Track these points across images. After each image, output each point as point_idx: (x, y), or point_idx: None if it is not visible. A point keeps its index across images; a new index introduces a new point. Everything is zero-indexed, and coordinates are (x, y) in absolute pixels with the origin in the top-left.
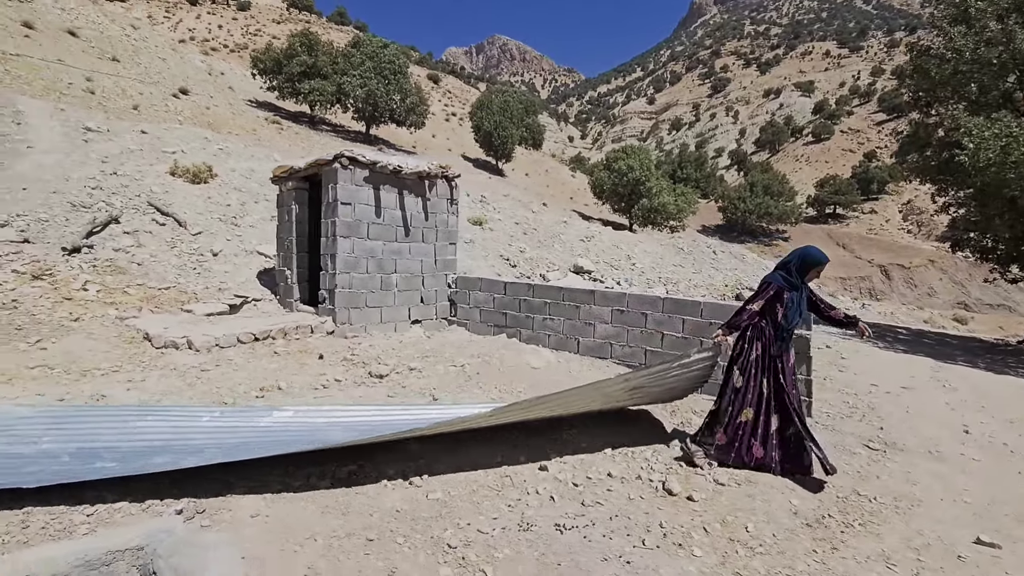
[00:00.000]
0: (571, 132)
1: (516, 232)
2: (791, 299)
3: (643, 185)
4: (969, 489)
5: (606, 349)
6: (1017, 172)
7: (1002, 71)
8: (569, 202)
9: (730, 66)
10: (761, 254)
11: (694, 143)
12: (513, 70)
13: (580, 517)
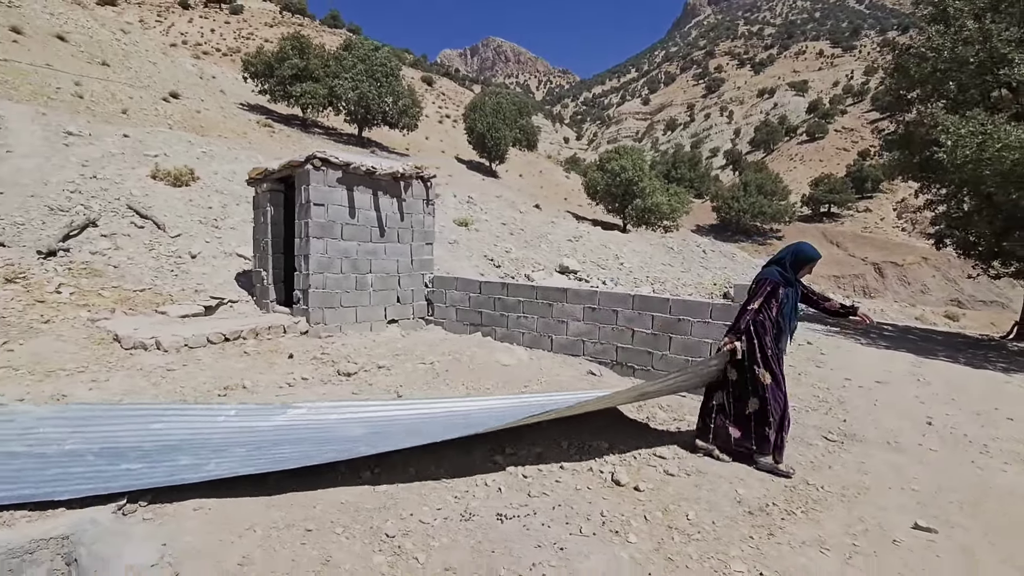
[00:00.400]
0: (566, 133)
1: (502, 232)
2: (786, 295)
3: (636, 185)
4: (919, 478)
5: (578, 346)
6: (993, 168)
7: (979, 70)
8: (563, 203)
9: (724, 66)
10: (754, 253)
11: (689, 143)
12: (508, 72)
13: (523, 507)
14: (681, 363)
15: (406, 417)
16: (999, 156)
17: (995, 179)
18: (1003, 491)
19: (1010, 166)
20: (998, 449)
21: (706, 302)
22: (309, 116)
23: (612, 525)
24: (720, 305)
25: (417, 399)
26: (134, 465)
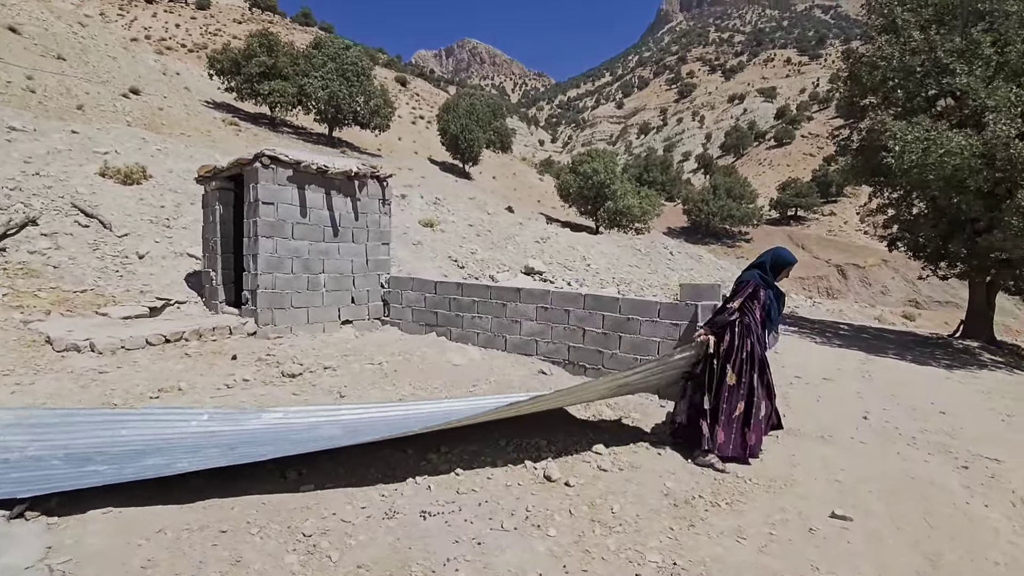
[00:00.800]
0: (541, 136)
1: (469, 234)
2: (767, 296)
3: (608, 188)
4: (846, 469)
5: (532, 346)
6: (936, 174)
7: (925, 78)
8: (536, 205)
9: (696, 72)
10: (722, 255)
11: (662, 147)
12: (483, 73)
13: (449, 504)
14: (630, 362)
15: (383, 419)
16: (941, 161)
17: (938, 184)
18: (922, 481)
19: (951, 171)
20: (925, 441)
21: (654, 301)
22: (278, 115)
23: (535, 520)
24: (667, 304)
25: (395, 403)
26: (100, 467)
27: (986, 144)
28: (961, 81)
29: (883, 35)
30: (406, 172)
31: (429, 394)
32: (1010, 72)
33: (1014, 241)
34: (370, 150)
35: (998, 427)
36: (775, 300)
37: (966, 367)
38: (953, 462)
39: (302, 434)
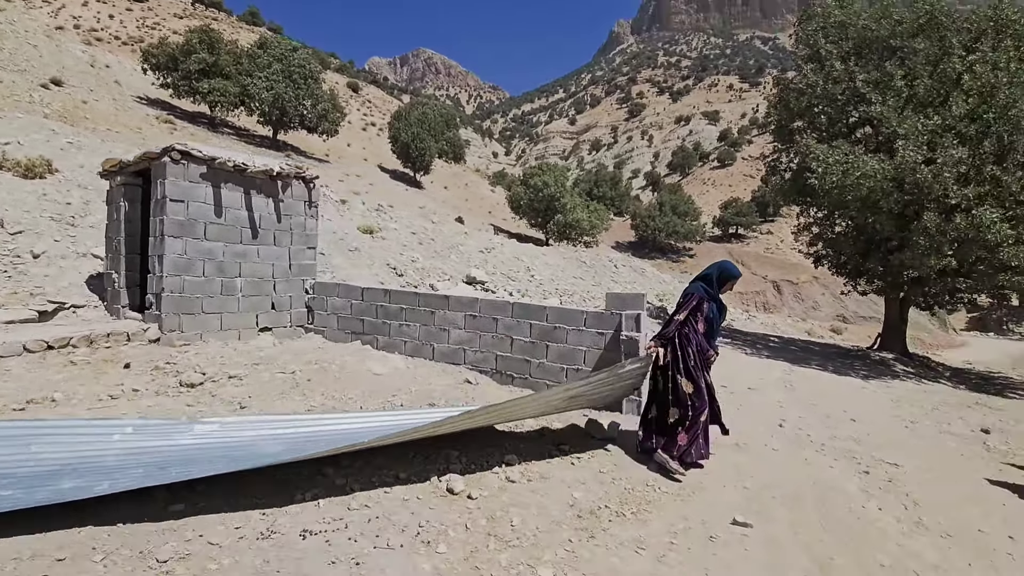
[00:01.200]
0: (495, 148)
1: (411, 241)
2: (711, 308)
3: (558, 201)
4: (755, 476)
5: (460, 355)
6: (853, 195)
7: (846, 106)
8: (488, 216)
9: (645, 93)
10: (666, 270)
11: (612, 163)
12: (438, 84)
13: (336, 521)
14: (557, 371)
15: (328, 433)
16: (858, 184)
17: (856, 204)
18: (824, 486)
19: (866, 193)
20: (832, 447)
21: (580, 310)
22: (218, 115)
23: (426, 536)
24: (593, 313)
25: (342, 413)
26: (4, 492)
27: (896, 169)
28: (876, 110)
29: (808, 64)
30: (354, 179)
31: (343, 405)
32: (918, 103)
33: (920, 259)
34: (317, 155)
35: (902, 433)
36: (718, 313)
37: (881, 377)
38: (856, 467)
39: (240, 451)
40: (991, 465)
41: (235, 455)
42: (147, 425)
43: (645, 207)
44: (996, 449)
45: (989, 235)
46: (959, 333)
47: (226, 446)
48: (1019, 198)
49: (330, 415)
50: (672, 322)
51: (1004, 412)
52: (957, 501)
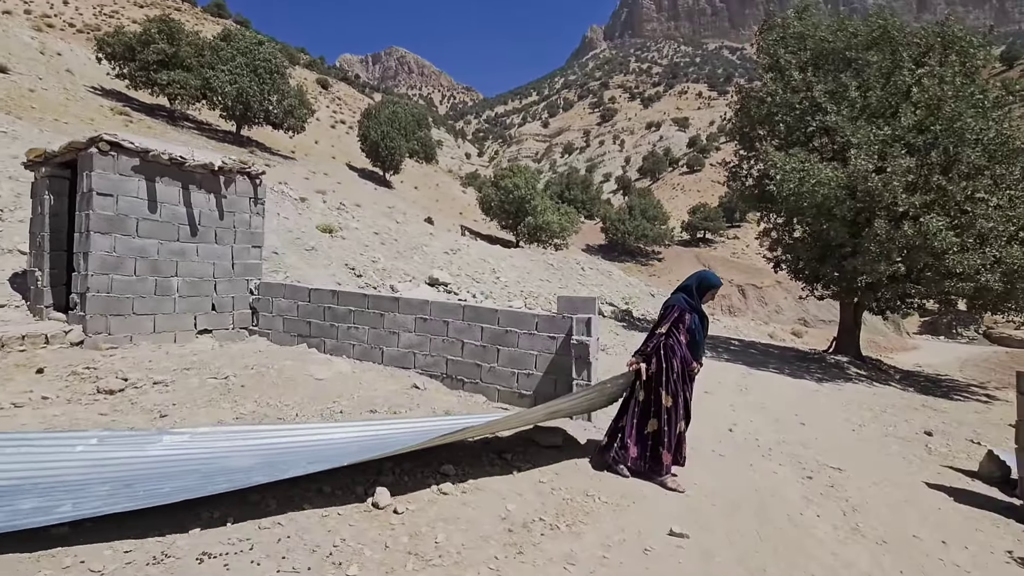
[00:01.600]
0: (468, 149)
1: (373, 241)
2: (693, 319)
3: (528, 203)
4: (698, 483)
5: (409, 359)
6: (809, 202)
7: (804, 115)
8: (459, 217)
9: (617, 98)
10: (634, 273)
11: (584, 167)
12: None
13: (243, 542)
14: (508, 376)
15: (306, 444)
16: (813, 191)
17: (811, 211)
18: (765, 493)
19: (821, 200)
20: (779, 452)
21: (532, 314)
22: (178, 108)
23: (339, 556)
24: (545, 317)
25: (320, 423)
26: None
27: (849, 177)
28: (831, 119)
29: (769, 73)
30: (321, 177)
31: (278, 413)
32: (871, 114)
33: (871, 265)
34: (283, 152)
35: (848, 437)
36: (700, 323)
37: (834, 380)
38: (800, 472)
39: (211, 465)
40: (931, 468)
41: (206, 470)
42: (113, 436)
43: (615, 211)
44: (937, 452)
45: (935, 242)
46: (912, 336)
47: (197, 459)
48: (963, 207)
49: (308, 425)
50: (654, 336)
51: (948, 414)
52: (895, 506)
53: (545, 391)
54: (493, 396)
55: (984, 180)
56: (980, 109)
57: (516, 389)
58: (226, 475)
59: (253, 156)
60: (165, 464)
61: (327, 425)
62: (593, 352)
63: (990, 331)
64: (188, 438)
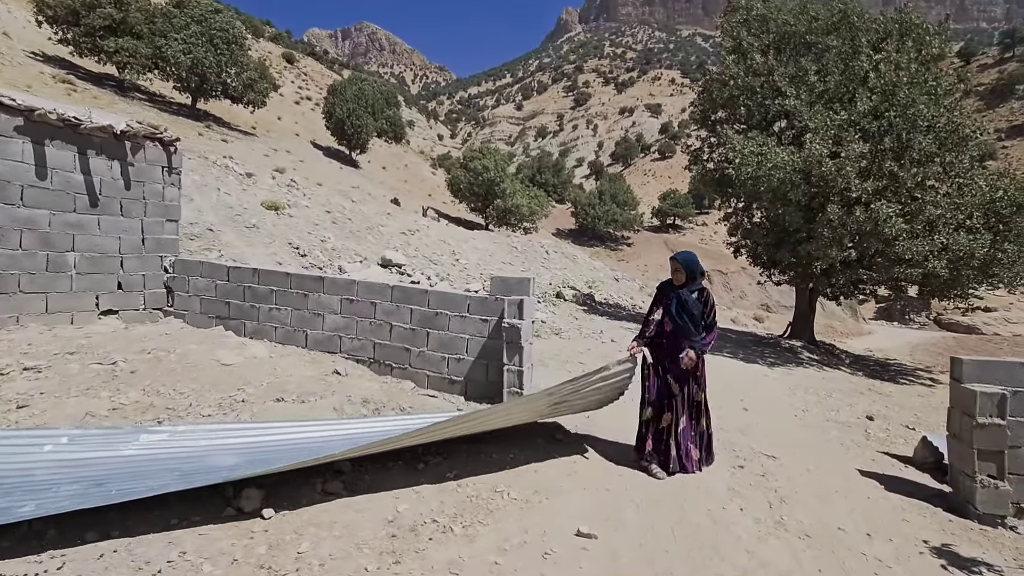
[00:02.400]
0: (441, 130)
1: (324, 220)
2: (671, 300)
3: (497, 186)
4: (622, 475)
5: (335, 342)
6: (765, 186)
7: (764, 99)
8: (427, 199)
9: (591, 82)
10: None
11: (558, 151)
12: (382, 61)
13: (60, 558)
14: (438, 361)
15: (293, 443)
16: (769, 175)
17: (767, 195)
18: (690, 485)
19: (777, 184)
20: (716, 439)
21: (464, 295)
22: (128, 77)
23: (170, 574)
24: (477, 299)
25: (301, 421)
26: None
27: (805, 161)
28: (790, 103)
29: (731, 55)
30: (283, 155)
31: (168, 402)
32: (828, 98)
33: (824, 250)
34: (242, 127)
35: (789, 423)
36: (680, 305)
37: (786, 365)
38: (733, 461)
39: (191, 463)
40: (867, 454)
41: (185, 468)
42: (86, 435)
43: (585, 195)
44: (875, 437)
45: (886, 228)
46: (867, 322)
47: (176, 458)
48: (914, 194)
49: (299, 424)
50: (648, 322)
51: (892, 398)
52: (824, 496)
53: (476, 377)
54: (422, 382)
55: (934, 167)
56: (933, 96)
57: (447, 375)
58: (208, 474)
59: (209, 131)
60: (142, 463)
61: (318, 423)
62: (526, 336)
63: (940, 317)
64: (167, 436)
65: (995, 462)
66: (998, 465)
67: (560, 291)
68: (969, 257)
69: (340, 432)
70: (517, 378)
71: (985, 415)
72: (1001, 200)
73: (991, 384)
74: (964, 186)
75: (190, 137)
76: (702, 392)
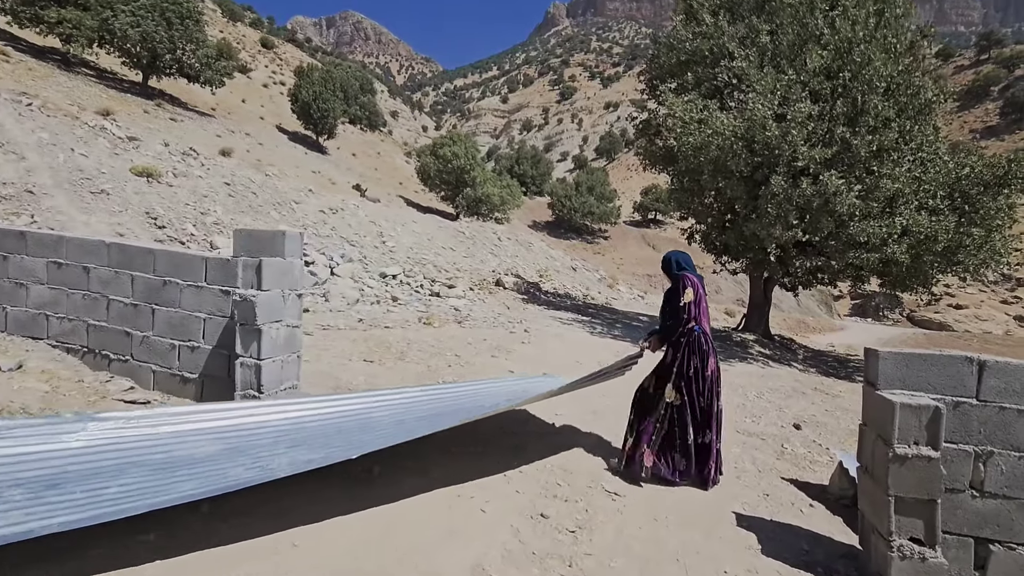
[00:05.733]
0: (425, 121)
1: (219, 192)
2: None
3: (468, 174)
4: None
5: (41, 323)
6: (706, 156)
7: (714, 64)
8: (399, 187)
9: (577, 76)
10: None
11: (543, 144)
12: (367, 51)
13: None
14: (166, 350)
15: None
16: (708, 142)
17: (708, 167)
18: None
19: (716, 153)
20: None
21: (199, 255)
22: (73, 51)
23: None
24: (217, 261)
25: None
26: None
27: (747, 126)
28: (738, 65)
29: (680, 16)
30: (240, 136)
31: None
32: (779, 59)
33: (768, 229)
34: (199, 108)
35: None
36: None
37: (728, 360)
38: (555, 491)
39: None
40: (765, 482)
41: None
42: (18, 425)
43: (561, 186)
44: (791, 454)
45: (837, 204)
46: (842, 318)
47: (137, 449)
48: (868, 166)
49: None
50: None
51: (839, 399)
52: (653, 564)
53: (216, 372)
54: (147, 380)
55: (891, 134)
56: (892, 54)
57: (177, 370)
58: (188, 469)
59: (159, 109)
60: (96, 457)
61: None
62: (268, 314)
63: (912, 314)
64: (120, 423)
65: (922, 517)
66: (926, 522)
67: (500, 278)
68: (932, 241)
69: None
70: (254, 375)
71: (907, 441)
72: (968, 178)
73: (920, 391)
74: (927, 161)
75: (134, 115)
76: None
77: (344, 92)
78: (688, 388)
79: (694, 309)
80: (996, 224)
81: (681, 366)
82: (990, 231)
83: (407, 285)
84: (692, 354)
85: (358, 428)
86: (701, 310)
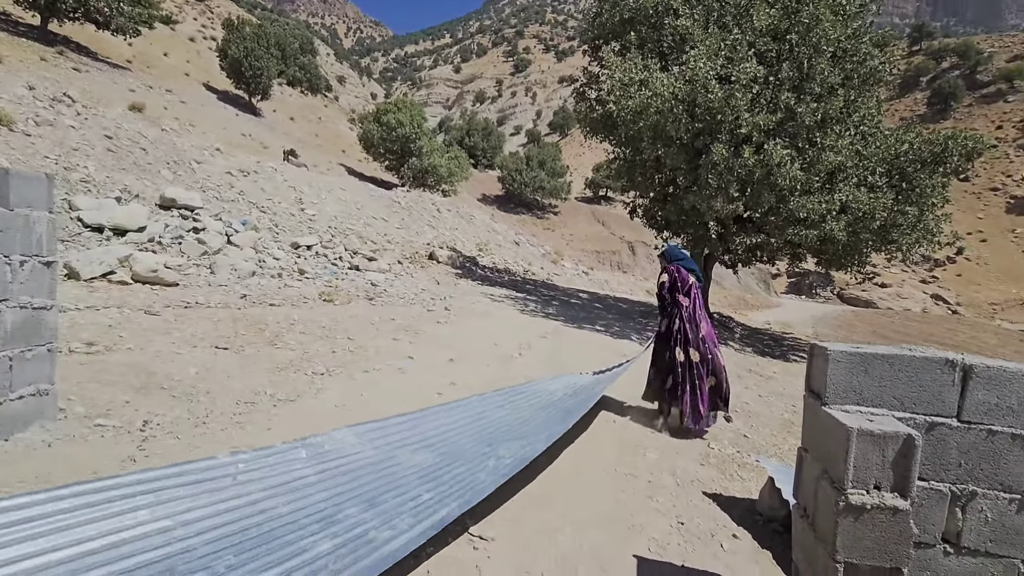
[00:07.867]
0: (375, 89)
1: (94, 146)
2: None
3: (413, 143)
4: None
5: None
6: (645, 121)
7: (658, 23)
8: (341, 155)
9: (532, 49)
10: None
11: (496, 117)
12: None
13: None
14: None
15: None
16: (647, 105)
17: (648, 133)
18: None
19: (656, 117)
20: None
21: None
22: None
23: None
24: None
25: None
26: None
27: (688, 88)
28: (682, 24)
29: None
30: (159, 93)
31: None
32: (726, 17)
33: (707, 202)
34: (112, 59)
35: (603, 434)
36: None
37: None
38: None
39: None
40: (683, 502)
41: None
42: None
43: (513, 160)
44: (717, 456)
45: (779, 177)
46: (779, 296)
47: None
48: (812, 137)
49: None
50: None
51: (772, 381)
52: None
53: None
54: None
55: (836, 102)
56: (841, 17)
57: None
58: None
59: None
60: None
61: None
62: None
63: (842, 291)
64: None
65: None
66: None
67: (434, 252)
68: (869, 219)
69: None
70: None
71: (866, 484)
72: (906, 155)
73: (882, 408)
74: (868, 135)
75: (27, 61)
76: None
77: (282, 51)
78: (686, 347)
79: (665, 290)
80: (930, 203)
81: (678, 331)
82: (923, 210)
83: (324, 257)
84: (684, 322)
85: None
86: (686, 291)
